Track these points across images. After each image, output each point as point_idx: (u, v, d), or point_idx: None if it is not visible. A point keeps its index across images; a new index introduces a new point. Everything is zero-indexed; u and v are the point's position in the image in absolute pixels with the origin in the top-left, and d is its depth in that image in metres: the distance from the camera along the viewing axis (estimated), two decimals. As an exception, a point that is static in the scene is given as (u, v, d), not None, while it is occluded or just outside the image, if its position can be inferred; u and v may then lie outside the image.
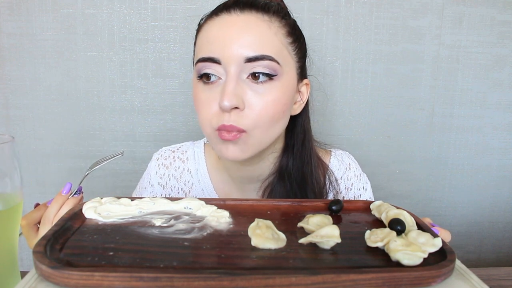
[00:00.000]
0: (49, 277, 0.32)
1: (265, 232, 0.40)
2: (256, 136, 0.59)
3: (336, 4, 1.04)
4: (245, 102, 0.57)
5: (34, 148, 1.05)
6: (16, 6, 0.99)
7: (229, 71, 0.57)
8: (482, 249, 1.22)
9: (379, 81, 1.09)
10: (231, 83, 0.57)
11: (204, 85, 0.59)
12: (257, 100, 0.58)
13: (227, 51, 0.57)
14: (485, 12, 1.08)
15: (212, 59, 0.57)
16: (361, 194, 0.77)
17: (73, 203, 0.60)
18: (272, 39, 0.59)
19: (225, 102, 0.55)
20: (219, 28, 0.59)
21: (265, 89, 0.58)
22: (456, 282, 0.35)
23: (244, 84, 0.58)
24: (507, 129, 1.16)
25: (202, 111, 0.60)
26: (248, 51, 0.57)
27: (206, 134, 0.62)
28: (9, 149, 0.47)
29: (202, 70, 0.59)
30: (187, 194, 0.74)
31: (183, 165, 0.75)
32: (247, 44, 0.57)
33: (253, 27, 0.58)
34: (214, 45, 0.58)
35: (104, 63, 1.02)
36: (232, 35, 0.57)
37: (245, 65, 0.57)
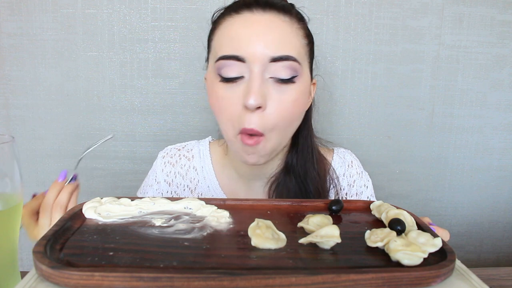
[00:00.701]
0: (49, 277, 0.32)
1: (265, 232, 0.40)
2: (273, 140, 0.60)
3: (336, 4, 1.04)
4: (268, 102, 0.57)
5: (34, 148, 1.05)
6: (16, 6, 0.99)
7: (253, 69, 0.57)
8: (482, 249, 1.22)
9: (379, 81, 1.09)
10: (257, 81, 0.56)
11: (224, 83, 0.59)
12: (279, 101, 0.58)
13: (252, 50, 0.56)
14: (485, 12, 1.08)
15: (237, 57, 0.57)
16: (362, 192, 0.77)
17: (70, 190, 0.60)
18: (293, 40, 0.59)
19: (251, 100, 0.55)
20: (243, 26, 0.58)
21: (287, 89, 0.58)
22: (456, 282, 0.35)
23: (267, 84, 0.58)
24: (507, 129, 1.16)
25: (224, 111, 0.59)
26: (273, 51, 0.57)
27: (228, 138, 0.62)
28: (9, 149, 0.47)
29: (224, 67, 0.58)
30: (193, 191, 0.75)
31: (188, 163, 0.76)
32: (272, 44, 0.57)
33: (277, 26, 0.58)
34: (238, 43, 0.57)
35: (104, 63, 1.02)
36: (258, 33, 0.57)
37: (269, 64, 0.57)
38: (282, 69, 0.57)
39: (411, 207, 1.16)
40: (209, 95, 0.64)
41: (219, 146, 0.77)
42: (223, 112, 0.60)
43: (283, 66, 0.57)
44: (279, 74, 0.58)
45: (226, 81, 0.59)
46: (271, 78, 0.58)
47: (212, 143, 0.79)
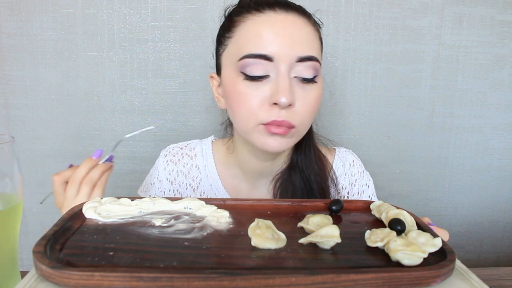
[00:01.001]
0: (49, 277, 0.32)
1: (265, 232, 0.40)
2: (300, 132, 0.63)
3: (336, 4, 1.04)
4: (295, 100, 0.60)
5: (34, 148, 1.05)
6: (16, 6, 0.99)
7: (280, 68, 0.59)
8: (482, 249, 1.22)
9: (379, 81, 1.09)
10: (286, 80, 0.58)
11: (249, 81, 0.60)
12: (305, 98, 0.61)
13: (280, 49, 0.58)
14: (485, 12, 1.08)
15: (264, 56, 0.58)
16: (364, 191, 0.79)
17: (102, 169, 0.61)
18: (315, 40, 0.62)
19: (283, 98, 0.57)
20: (269, 25, 0.59)
21: (310, 88, 0.61)
22: (456, 282, 0.35)
23: (293, 82, 0.60)
24: (507, 129, 1.16)
25: (245, 105, 0.60)
26: (300, 51, 0.59)
27: (247, 127, 0.62)
28: (9, 149, 0.47)
29: (249, 66, 0.59)
30: (195, 189, 0.75)
31: (191, 161, 0.76)
32: (299, 44, 0.59)
33: (302, 28, 0.60)
34: (265, 42, 0.59)
35: (104, 63, 1.02)
36: (285, 33, 0.59)
37: (295, 64, 0.59)
38: (306, 69, 0.60)
39: (411, 207, 1.16)
40: (226, 92, 0.64)
41: (222, 145, 0.78)
42: (243, 106, 0.61)
43: (307, 66, 0.60)
44: (303, 74, 0.60)
45: (251, 79, 0.59)
46: (296, 78, 0.60)
47: (214, 142, 0.79)
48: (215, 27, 1.02)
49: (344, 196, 0.77)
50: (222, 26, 0.67)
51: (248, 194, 0.75)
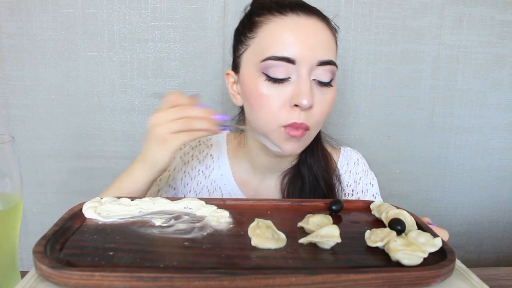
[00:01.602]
0: (49, 277, 0.32)
1: (265, 232, 0.40)
2: (313, 134, 0.66)
3: (336, 4, 1.04)
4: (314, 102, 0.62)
5: (34, 148, 1.05)
6: (16, 6, 0.99)
7: (301, 71, 0.60)
8: (482, 249, 1.22)
9: (379, 81, 1.09)
10: (307, 83, 0.60)
11: (271, 83, 0.61)
12: (322, 101, 0.63)
13: (303, 52, 0.60)
14: (485, 12, 1.08)
15: (288, 59, 0.60)
16: (368, 189, 0.80)
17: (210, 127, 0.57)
18: (333, 45, 0.65)
19: (305, 101, 0.59)
20: (292, 29, 0.61)
21: (327, 91, 0.63)
22: (456, 282, 0.35)
23: (313, 84, 0.62)
24: (507, 129, 1.16)
25: (267, 107, 0.62)
26: (321, 55, 0.61)
27: (268, 129, 0.64)
28: (9, 149, 0.47)
29: (271, 67, 0.61)
30: (206, 177, 0.77)
31: (207, 149, 0.79)
32: (320, 48, 0.61)
33: (322, 32, 0.63)
34: (289, 45, 0.60)
35: (104, 63, 1.02)
36: (307, 37, 0.61)
37: (316, 67, 0.61)
38: (324, 72, 0.62)
39: (411, 207, 1.16)
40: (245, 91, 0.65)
41: (234, 139, 0.79)
42: (265, 108, 0.62)
43: (326, 69, 0.62)
44: (321, 77, 0.62)
45: (273, 81, 0.61)
46: (314, 80, 0.62)
47: (229, 135, 0.81)
48: (215, 27, 1.03)
49: (348, 193, 0.78)
50: (242, 25, 0.69)
51: (256, 188, 0.76)
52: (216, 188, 0.75)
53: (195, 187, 0.76)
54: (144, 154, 0.62)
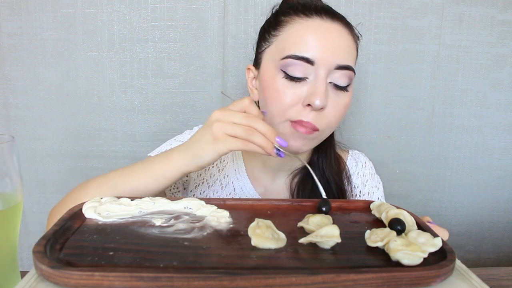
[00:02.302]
0: (49, 277, 0.32)
1: (265, 232, 0.40)
2: (323, 135, 0.66)
3: (336, 4, 1.04)
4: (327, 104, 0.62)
5: (34, 148, 1.05)
6: (16, 6, 0.99)
7: (319, 73, 0.62)
8: (482, 249, 1.22)
9: (379, 81, 1.09)
10: (323, 84, 0.61)
11: (288, 80, 0.63)
12: (335, 104, 0.63)
13: (322, 54, 0.61)
14: (485, 12, 1.08)
15: (307, 59, 0.61)
16: (374, 192, 0.82)
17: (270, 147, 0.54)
18: (353, 51, 0.66)
19: (318, 101, 0.60)
20: (315, 31, 0.63)
21: (342, 95, 0.64)
22: (456, 282, 0.35)
23: (329, 87, 0.63)
24: (507, 129, 1.16)
25: (279, 101, 0.63)
26: (340, 59, 0.62)
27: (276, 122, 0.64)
28: (9, 149, 0.47)
29: (291, 66, 0.62)
30: (220, 170, 0.77)
31: None
32: (340, 52, 0.62)
33: (344, 38, 0.64)
34: (310, 46, 0.62)
35: (104, 63, 1.02)
36: (329, 40, 0.62)
37: (334, 70, 0.62)
38: (341, 76, 0.63)
39: (411, 207, 1.16)
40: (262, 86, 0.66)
41: None
42: (277, 101, 0.63)
43: (344, 74, 0.63)
44: (338, 81, 0.63)
45: (290, 79, 0.62)
46: (331, 83, 0.63)
47: None
48: (215, 27, 1.03)
49: (356, 194, 0.80)
50: (268, 23, 0.70)
51: (267, 186, 0.77)
52: (229, 182, 0.76)
53: (208, 179, 0.77)
54: (191, 144, 0.57)
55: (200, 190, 0.76)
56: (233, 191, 0.75)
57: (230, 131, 0.54)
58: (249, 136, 0.53)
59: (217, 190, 0.76)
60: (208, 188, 0.76)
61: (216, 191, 0.76)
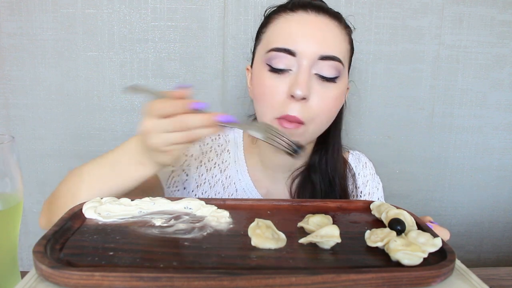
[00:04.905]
0: (49, 277, 0.32)
1: (265, 232, 0.40)
2: (310, 130, 0.65)
3: (336, 4, 1.04)
4: (311, 95, 0.62)
5: (34, 148, 1.05)
6: (16, 6, 0.98)
7: (301, 64, 0.62)
8: (482, 249, 1.22)
9: (379, 81, 1.09)
10: (305, 74, 0.61)
11: (272, 73, 0.63)
12: (321, 95, 0.63)
13: (304, 46, 0.62)
14: (485, 12, 1.08)
15: (289, 51, 0.62)
16: (374, 192, 0.82)
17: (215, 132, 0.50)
18: (342, 43, 0.66)
19: (298, 91, 0.60)
20: (298, 23, 0.64)
21: (329, 86, 0.64)
22: (456, 282, 0.36)
23: (313, 79, 0.63)
24: (507, 129, 1.16)
25: (267, 98, 0.64)
26: (323, 50, 0.62)
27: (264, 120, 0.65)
28: (9, 149, 0.47)
29: (274, 58, 0.63)
30: (222, 171, 0.77)
31: (225, 144, 0.80)
32: (323, 43, 0.62)
33: (329, 29, 0.64)
34: (291, 38, 0.63)
35: (104, 63, 1.02)
36: (311, 32, 0.63)
37: (317, 61, 0.62)
38: (327, 67, 0.63)
39: (411, 207, 1.16)
40: (253, 82, 0.69)
41: (248, 136, 0.80)
42: (266, 98, 0.64)
43: (329, 65, 0.63)
44: (323, 72, 0.63)
45: (274, 71, 0.63)
46: (316, 75, 0.63)
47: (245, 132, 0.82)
48: (215, 27, 1.03)
49: (357, 195, 0.80)
50: (260, 23, 0.72)
51: (268, 187, 0.77)
52: (231, 183, 0.76)
53: (210, 179, 0.76)
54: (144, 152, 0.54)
55: (202, 190, 0.76)
56: (235, 192, 0.75)
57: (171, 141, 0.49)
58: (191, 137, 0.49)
59: (219, 191, 0.76)
60: (210, 188, 0.76)
61: (218, 191, 0.76)
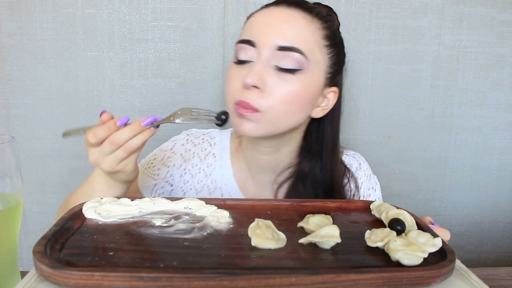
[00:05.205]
0: (49, 277, 0.32)
1: (265, 232, 0.40)
2: (270, 119, 0.63)
3: (336, 4, 1.04)
4: (267, 85, 0.61)
5: (34, 148, 1.05)
6: (16, 6, 0.99)
7: (261, 54, 0.62)
8: (482, 249, 1.22)
9: (379, 81, 1.09)
10: (259, 64, 0.62)
11: (237, 65, 0.64)
12: (278, 86, 0.62)
13: (263, 36, 0.62)
14: (485, 12, 1.08)
15: (249, 42, 0.62)
16: (370, 194, 0.79)
17: (147, 137, 0.58)
18: (307, 36, 0.63)
19: (248, 79, 0.60)
20: (263, 16, 0.64)
21: (288, 78, 0.62)
22: (456, 282, 0.36)
23: (271, 69, 0.62)
24: (507, 129, 1.16)
25: (229, 86, 0.65)
26: (281, 40, 0.61)
27: (228, 108, 0.65)
28: (9, 149, 0.47)
29: (239, 50, 0.64)
30: (207, 176, 0.76)
31: (209, 148, 0.78)
32: (282, 34, 0.62)
33: (293, 21, 0.63)
34: (254, 30, 0.63)
35: (104, 63, 1.02)
36: (272, 23, 0.63)
37: (276, 52, 0.61)
38: (285, 58, 0.61)
39: (411, 207, 1.16)
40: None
41: (236, 138, 0.79)
42: (227, 87, 0.65)
43: (287, 56, 0.61)
44: (281, 63, 0.61)
45: (239, 63, 0.64)
46: (276, 66, 0.62)
47: (233, 134, 0.81)
48: (215, 27, 1.03)
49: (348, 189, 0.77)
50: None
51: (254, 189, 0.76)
52: (217, 187, 0.75)
53: (196, 185, 0.76)
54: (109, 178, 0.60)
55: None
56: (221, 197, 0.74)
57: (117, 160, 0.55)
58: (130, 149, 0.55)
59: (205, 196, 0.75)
60: (197, 194, 0.75)
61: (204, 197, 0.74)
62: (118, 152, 0.55)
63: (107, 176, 0.59)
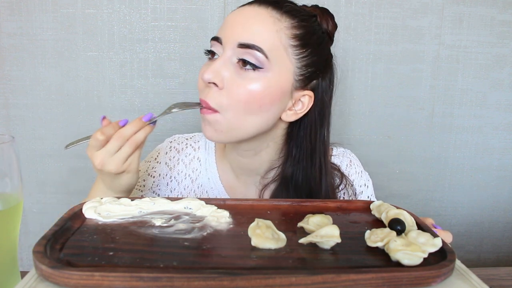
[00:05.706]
0: (49, 277, 0.32)
1: (265, 232, 0.40)
2: (228, 120, 0.61)
3: (336, 4, 1.04)
4: (225, 82, 0.60)
5: (34, 148, 1.05)
6: (16, 6, 0.99)
7: (225, 51, 0.62)
8: (482, 249, 1.22)
9: (379, 81, 1.09)
10: (219, 61, 0.61)
11: (207, 61, 0.65)
12: (236, 84, 0.60)
13: (228, 34, 0.62)
14: (485, 12, 1.08)
15: (217, 39, 0.63)
16: (362, 191, 0.77)
17: (148, 132, 0.60)
18: (271, 35, 0.61)
19: (205, 75, 0.60)
20: (234, 15, 0.64)
21: (248, 77, 0.60)
22: (456, 282, 0.35)
23: (232, 67, 0.61)
24: (507, 129, 1.16)
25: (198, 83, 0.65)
26: (242, 38, 0.60)
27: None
28: (9, 149, 0.47)
29: (211, 47, 0.64)
30: (193, 181, 0.76)
31: (194, 152, 0.77)
32: (244, 31, 0.61)
33: (258, 19, 0.62)
34: (222, 28, 0.64)
35: (104, 63, 1.02)
36: (237, 21, 0.62)
37: (237, 49, 0.60)
38: (246, 56, 0.60)
39: (411, 207, 1.16)
40: None
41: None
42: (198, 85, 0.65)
43: (248, 54, 0.60)
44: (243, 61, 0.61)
45: (209, 59, 0.65)
46: (238, 64, 0.61)
47: None
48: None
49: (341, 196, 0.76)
50: None
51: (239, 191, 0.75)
52: (203, 192, 0.74)
53: (183, 191, 0.75)
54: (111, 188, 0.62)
55: None
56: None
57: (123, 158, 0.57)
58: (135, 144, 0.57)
59: None
60: None
61: None
62: (124, 149, 0.57)
63: (109, 190, 0.61)
